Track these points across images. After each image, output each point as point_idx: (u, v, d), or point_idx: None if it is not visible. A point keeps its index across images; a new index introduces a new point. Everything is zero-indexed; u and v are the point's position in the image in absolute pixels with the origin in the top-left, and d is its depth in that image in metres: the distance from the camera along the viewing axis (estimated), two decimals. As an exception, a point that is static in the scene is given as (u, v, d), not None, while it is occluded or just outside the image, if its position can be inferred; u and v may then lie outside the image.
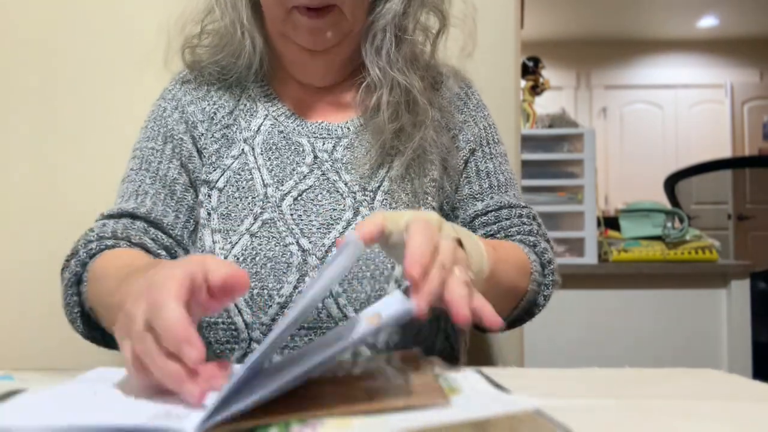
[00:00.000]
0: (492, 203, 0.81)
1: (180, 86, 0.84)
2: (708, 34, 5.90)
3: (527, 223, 0.80)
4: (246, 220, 0.74)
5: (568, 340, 2.14)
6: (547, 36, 5.76)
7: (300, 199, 0.75)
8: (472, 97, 0.87)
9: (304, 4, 0.71)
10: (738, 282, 2.13)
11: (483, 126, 0.85)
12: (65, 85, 1.10)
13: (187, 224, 0.78)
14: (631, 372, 0.60)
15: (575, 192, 2.14)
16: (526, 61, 2.38)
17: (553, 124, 2.26)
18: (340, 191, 0.76)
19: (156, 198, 0.77)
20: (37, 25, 1.10)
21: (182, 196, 0.78)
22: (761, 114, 5.97)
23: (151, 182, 0.78)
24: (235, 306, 0.70)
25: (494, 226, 0.80)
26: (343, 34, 0.75)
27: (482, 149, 0.84)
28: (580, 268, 2.10)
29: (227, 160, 0.78)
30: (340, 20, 0.74)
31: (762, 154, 5.66)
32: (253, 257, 0.71)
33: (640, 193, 4.35)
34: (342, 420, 0.38)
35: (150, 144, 0.80)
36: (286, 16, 0.73)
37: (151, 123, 0.82)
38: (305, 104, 0.83)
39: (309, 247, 0.72)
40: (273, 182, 0.76)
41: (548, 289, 0.78)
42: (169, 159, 0.79)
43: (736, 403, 0.49)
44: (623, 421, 0.43)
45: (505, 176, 0.84)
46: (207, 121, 0.81)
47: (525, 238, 0.79)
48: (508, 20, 1.12)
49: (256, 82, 0.83)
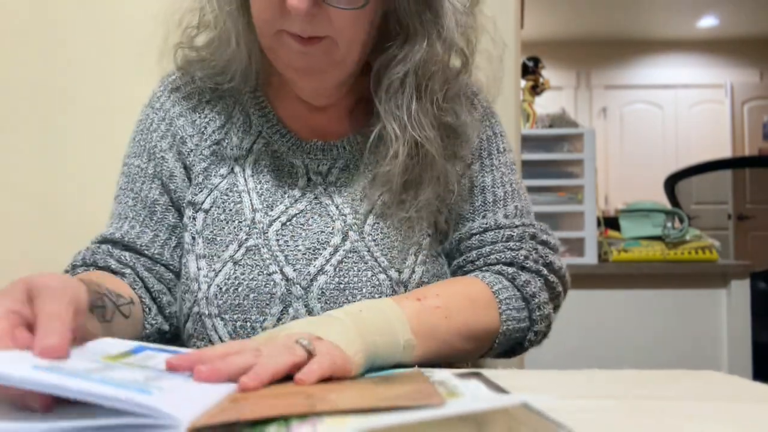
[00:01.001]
0: (476, 225, 0.77)
1: (169, 95, 0.80)
2: (708, 34, 5.90)
3: (513, 248, 0.75)
4: (231, 246, 0.72)
5: (568, 340, 2.13)
6: (547, 36, 5.76)
7: (288, 224, 0.72)
8: (479, 107, 0.81)
9: (293, 33, 0.65)
10: (738, 282, 2.12)
11: (485, 137, 0.80)
12: (63, 84, 1.10)
13: (168, 241, 0.76)
14: (631, 373, 0.60)
15: (575, 192, 2.14)
16: (526, 61, 2.38)
17: (553, 124, 2.26)
18: (330, 215, 0.73)
19: (135, 221, 0.76)
20: (35, 24, 1.10)
21: (162, 217, 0.77)
22: (761, 114, 5.97)
23: (133, 204, 0.77)
24: (219, 338, 0.69)
25: (475, 252, 0.76)
26: (335, 62, 0.69)
27: (481, 161, 0.79)
28: (580, 268, 2.10)
29: (215, 179, 0.76)
30: (331, 49, 0.67)
31: (762, 154, 5.66)
32: (236, 287, 0.69)
33: (640, 193, 4.34)
34: (340, 418, 0.38)
35: (136, 162, 0.79)
36: (274, 36, 0.68)
37: (138, 136, 0.80)
38: (301, 118, 0.78)
39: (293, 276, 0.69)
40: (262, 207, 0.73)
41: (539, 325, 0.73)
42: (151, 179, 0.77)
43: (737, 404, 0.49)
44: (623, 421, 0.43)
45: (506, 189, 0.79)
46: (197, 135, 0.78)
47: (504, 270, 0.73)
48: (508, 20, 1.12)
49: (251, 92, 0.79)
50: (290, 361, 0.48)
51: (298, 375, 0.47)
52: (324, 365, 0.49)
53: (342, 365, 0.51)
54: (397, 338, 0.59)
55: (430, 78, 0.71)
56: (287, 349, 0.49)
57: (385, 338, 0.58)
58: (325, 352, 0.50)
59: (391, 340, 0.59)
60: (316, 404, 0.41)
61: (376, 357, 0.57)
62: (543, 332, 0.75)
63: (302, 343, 0.50)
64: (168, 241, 0.76)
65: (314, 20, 0.64)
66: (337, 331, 0.55)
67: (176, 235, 0.77)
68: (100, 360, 0.46)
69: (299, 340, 0.50)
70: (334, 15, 0.64)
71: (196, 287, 0.71)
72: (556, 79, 5.57)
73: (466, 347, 0.69)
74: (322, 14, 0.64)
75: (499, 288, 0.72)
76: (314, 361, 0.49)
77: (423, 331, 0.62)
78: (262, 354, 0.48)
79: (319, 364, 0.48)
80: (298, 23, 0.64)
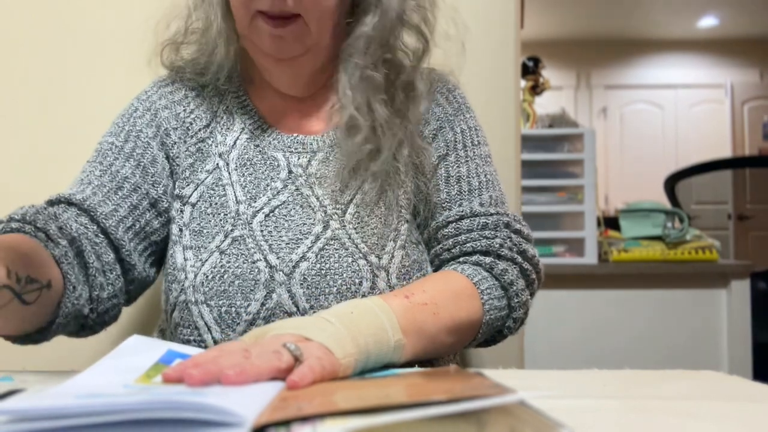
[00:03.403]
0: (453, 214, 0.79)
1: (156, 89, 0.83)
2: (708, 34, 5.90)
3: (489, 236, 0.77)
4: (217, 237, 0.74)
5: (568, 340, 2.14)
6: (547, 36, 5.76)
7: (272, 215, 0.75)
8: (453, 102, 0.84)
9: (264, 10, 0.70)
10: (738, 282, 2.13)
11: (460, 129, 0.83)
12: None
13: (124, 219, 0.75)
14: (631, 373, 0.60)
15: (575, 192, 2.14)
16: (526, 61, 2.38)
17: (553, 124, 2.26)
18: (311, 206, 0.75)
19: (98, 189, 0.74)
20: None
21: (127, 194, 0.76)
22: (761, 114, 5.97)
23: (100, 174, 0.76)
24: (205, 324, 0.71)
25: (451, 241, 0.78)
26: (307, 46, 0.75)
27: (456, 153, 0.82)
28: (580, 268, 2.10)
29: (201, 175, 0.79)
30: (302, 32, 0.73)
31: (762, 154, 5.66)
32: (222, 275, 0.71)
33: (640, 193, 4.34)
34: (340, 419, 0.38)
35: (111, 139, 0.79)
36: (250, 21, 0.73)
37: (118, 120, 0.81)
38: (281, 114, 0.82)
39: (276, 263, 0.71)
40: (246, 199, 0.76)
41: (517, 311, 0.76)
42: (126, 157, 0.77)
43: (737, 404, 0.49)
44: (623, 421, 0.43)
45: (480, 179, 0.81)
46: (181, 129, 0.81)
47: (481, 260, 0.76)
48: (508, 20, 1.12)
49: (234, 92, 0.83)
50: (275, 366, 0.48)
51: (291, 377, 0.47)
52: (316, 370, 0.49)
53: (331, 370, 0.51)
54: (389, 339, 0.60)
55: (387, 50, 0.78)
56: (275, 354, 0.49)
57: (376, 340, 0.58)
58: (314, 356, 0.51)
59: (382, 341, 0.59)
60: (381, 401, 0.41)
61: (368, 359, 0.57)
62: (521, 319, 0.77)
63: (289, 348, 0.50)
64: (125, 219, 0.75)
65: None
66: (328, 333, 0.55)
67: (134, 216, 0.76)
68: (132, 384, 0.46)
69: (286, 344, 0.51)
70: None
71: (183, 276, 0.73)
72: (556, 79, 5.57)
73: (452, 341, 0.70)
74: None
75: (479, 279, 0.74)
76: (305, 364, 0.49)
77: (412, 329, 0.63)
78: (250, 355, 0.49)
79: (310, 368, 0.49)
80: (268, 1, 0.69)
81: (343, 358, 0.53)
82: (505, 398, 0.40)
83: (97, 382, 0.46)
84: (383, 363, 0.59)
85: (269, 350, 0.50)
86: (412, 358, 0.63)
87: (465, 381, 0.49)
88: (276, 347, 0.50)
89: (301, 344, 0.52)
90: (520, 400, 0.42)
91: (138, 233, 0.76)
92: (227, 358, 0.48)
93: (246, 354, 0.49)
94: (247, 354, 0.49)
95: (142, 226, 0.77)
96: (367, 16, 0.76)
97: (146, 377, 0.48)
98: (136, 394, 0.42)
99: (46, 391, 0.42)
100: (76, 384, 0.45)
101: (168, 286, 0.76)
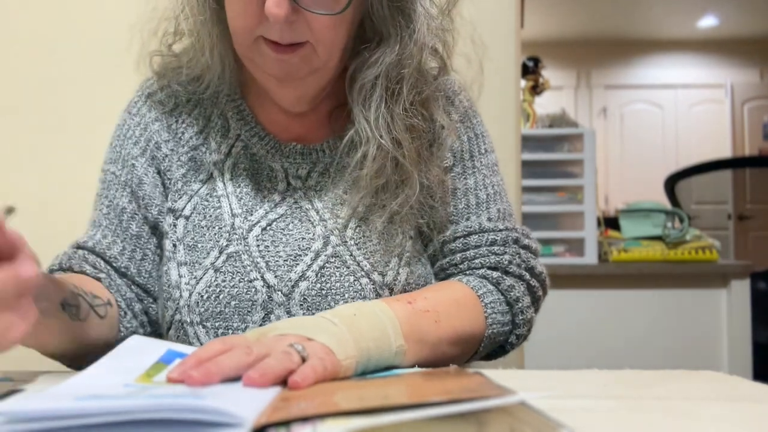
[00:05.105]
0: (460, 228, 0.76)
1: (146, 99, 0.79)
2: (708, 34, 5.90)
3: (498, 252, 0.75)
4: (211, 253, 0.71)
5: (568, 340, 2.14)
6: (547, 36, 5.76)
7: (269, 229, 0.72)
8: (459, 107, 0.80)
9: (271, 39, 0.65)
10: (738, 282, 2.12)
11: (466, 138, 0.79)
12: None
13: (134, 254, 0.75)
14: (631, 373, 0.60)
15: (575, 192, 2.14)
16: (526, 61, 2.38)
17: (553, 124, 2.26)
18: (311, 220, 0.72)
19: (107, 229, 0.76)
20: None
21: (127, 226, 0.76)
22: (761, 114, 5.97)
23: (107, 211, 0.76)
24: (201, 345, 0.68)
25: (459, 255, 0.76)
26: (314, 68, 0.68)
27: (463, 164, 0.78)
28: (580, 268, 2.10)
29: (195, 185, 0.75)
30: (310, 56, 0.67)
31: (762, 154, 5.66)
32: (217, 295, 0.69)
33: (640, 193, 4.34)
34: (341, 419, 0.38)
35: (111, 168, 0.78)
36: (252, 44, 0.66)
37: (114, 141, 0.80)
38: (280, 122, 0.77)
39: (274, 283, 0.69)
40: (242, 212, 0.73)
41: (521, 329, 0.75)
42: (123, 186, 0.77)
43: (737, 404, 0.49)
44: (623, 421, 0.43)
45: (488, 191, 0.78)
46: (173, 140, 0.77)
47: (488, 274, 0.74)
48: (508, 20, 1.12)
49: (228, 96, 0.78)
50: (289, 368, 0.48)
51: (294, 377, 0.47)
52: (318, 370, 0.49)
53: (332, 370, 0.51)
54: (390, 344, 0.59)
55: (401, 80, 0.70)
56: (285, 354, 0.49)
57: (378, 344, 0.58)
58: (316, 357, 0.51)
59: (384, 346, 0.58)
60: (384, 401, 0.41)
61: (369, 362, 0.57)
62: (524, 335, 0.76)
63: (297, 349, 0.50)
64: (133, 254, 0.75)
65: (293, 27, 0.64)
66: (330, 334, 0.54)
67: (140, 246, 0.76)
68: (133, 383, 0.46)
69: (294, 345, 0.51)
70: (312, 21, 0.64)
71: (178, 295, 0.71)
72: (556, 79, 5.56)
73: (454, 352, 0.68)
74: (301, 20, 0.64)
75: (484, 292, 0.72)
76: (307, 365, 0.49)
77: (414, 336, 0.62)
78: (252, 352, 0.49)
79: (312, 368, 0.49)
80: (276, 30, 0.64)
81: (344, 359, 0.53)
82: (505, 399, 0.40)
83: (97, 382, 0.46)
84: (383, 367, 0.59)
85: (279, 350, 0.50)
86: (413, 364, 0.63)
87: (465, 381, 0.49)
88: (284, 348, 0.50)
89: (304, 344, 0.52)
90: (521, 401, 0.42)
91: (151, 260, 0.76)
92: (229, 358, 0.48)
93: (248, 351, 0.49)
94: (249, 351, 0.49)
95: (152, 251, 0.77)
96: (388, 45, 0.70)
97: (147, 376, 0.48)
98: (137, 393, 0.42)
99: (46, 391, 0.42)
100: (75, 384, 0.45)
101: (164, 303, 0.74)
